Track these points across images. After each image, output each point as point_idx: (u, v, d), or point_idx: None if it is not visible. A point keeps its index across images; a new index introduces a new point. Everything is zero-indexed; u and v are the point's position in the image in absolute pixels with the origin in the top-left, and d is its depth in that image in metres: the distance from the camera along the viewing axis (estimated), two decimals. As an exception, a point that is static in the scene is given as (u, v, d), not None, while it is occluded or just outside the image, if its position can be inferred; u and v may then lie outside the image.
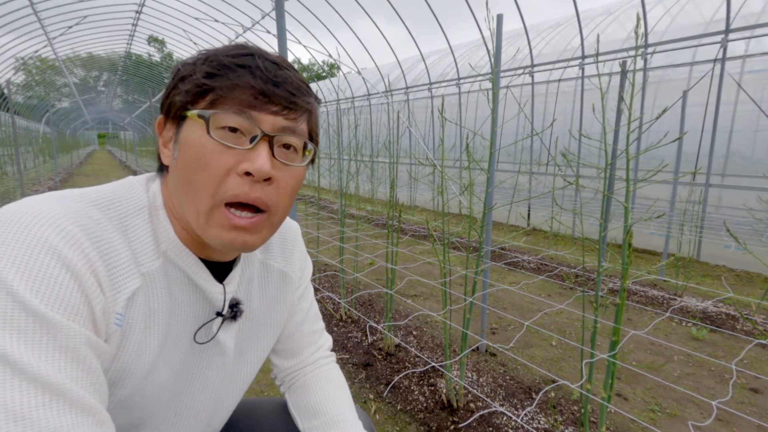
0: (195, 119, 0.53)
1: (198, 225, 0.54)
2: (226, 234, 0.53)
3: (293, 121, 0.56)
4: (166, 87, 0.58)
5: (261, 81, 0.52)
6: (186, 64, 0.56)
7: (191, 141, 0.53)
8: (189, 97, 0.54)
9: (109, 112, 28.70)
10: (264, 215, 0.55)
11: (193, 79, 0.54)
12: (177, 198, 0.56)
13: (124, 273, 0.51)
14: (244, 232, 0.54)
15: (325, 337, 0.86)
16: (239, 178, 0.52)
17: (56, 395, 0.41)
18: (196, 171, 0.52)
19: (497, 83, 2.10)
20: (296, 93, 0.55)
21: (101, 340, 0.48)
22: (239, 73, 0.53)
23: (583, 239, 1.59)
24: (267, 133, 0.53)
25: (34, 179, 11.76)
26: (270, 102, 0.53)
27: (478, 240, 2.09)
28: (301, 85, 0.57)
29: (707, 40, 4.51)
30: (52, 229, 0.45)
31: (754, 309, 3.36)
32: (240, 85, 0.52)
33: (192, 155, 0.53)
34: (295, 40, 4.44)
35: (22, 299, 0.41)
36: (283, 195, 0.56)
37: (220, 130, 0.52)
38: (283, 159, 0.56)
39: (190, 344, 0.62)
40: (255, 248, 0.57)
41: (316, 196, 4.34)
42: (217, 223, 0.53)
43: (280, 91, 0.53)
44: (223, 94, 0.52)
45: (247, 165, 0.52)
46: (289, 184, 0.57)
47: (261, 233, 0.56)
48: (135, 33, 11.12)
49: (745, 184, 4.37)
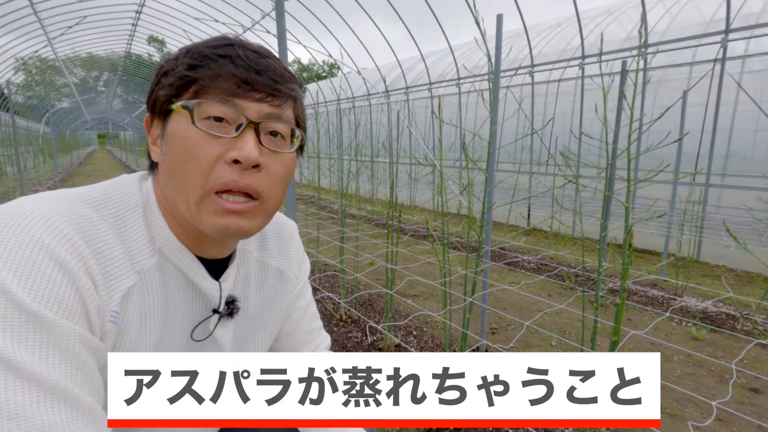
0: (180, 111, 0.53)
1: (191, 215, 0.54)
2: (220, 219, 0.53)
3: (278, 108, 0.56)
4: (151, 84, 0.59)
5: (243, 69, 0.53)
6: (168, 60, 0.57)
7: (178, 133, 0.53)
8: (173, 90, 0.54)
9: (109, 112, 28.71)
10: (257, 203, 0.55)
11: (175, 72, 0.54)
12: (168, 192, 0.56)
13: (118, 271, 0.51)
14: (237, 216, 0.54)
15: (323, 335, 0.86)
16: (228, 167, 0.52)
17: (50, 393, 0.41)
18: (184, 162, 0.52)
19: (497, 83, 2.10)
20: (279, 80, 0.55)
21: (96, 338, 0.48)
22: (221, 63, 0.53)
23: (583, 239, 1.59)
24: (252, 120, 0.53)
25: (34, 179, 11.76)
26: (253, 89, 0.53)
27: (478, 240, 2.08)
28: (284, 72, 0.57)
29: (707, 40, 4.51)
30: (45, 228, 0.45)
31: (754, 309, 3.36)
32: (222, 75, 0.52)
33: (179, 147, 0.53)
34: (295, 40, 4.44)
35: (16, 298, 0.41)
36: (274, 182, 0.56)
37: (205, 121, 0.52)
38: (271, 146, 0.56)
39: (187, 342, 0.62)
40: (251, 234, 0.57)
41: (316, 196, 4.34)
42: (210, 210, 0.53)
43: (262, 79, 0.54)
44: (206, 84, 0.52)
45: (234, 153, 0.52)
46: (279, 171, 0.57)
47: (256, 219, 0.56)
48: (135, 33, 11.11)
49: (745, 184, 4.36)
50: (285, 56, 1.80)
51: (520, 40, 6.46)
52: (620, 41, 5.45)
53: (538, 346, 2.67)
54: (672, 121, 4.42)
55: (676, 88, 4.98)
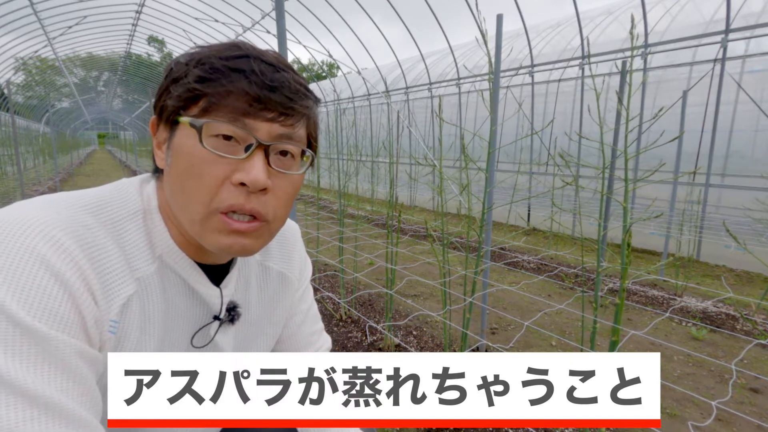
0: (187, 126, 0.51)
1: (194, 232, 0.53)
2: (225, 239, 0.52)
3: (290, 128, 0.53)
4: (159, 86, 0.56)
5: (256, 86, 0.50)
6: (179, 63, 0.54)
7: (184, 149, 0.52)
8: (181, 102, 0.52)
9: (109, 112, 28.70)
10: (262, 223, 0.54)
11: (185, 83, 0.51)
12: (172, 205, 0.55)
13: (117, 279, 0.50)
14: (242, 236, 0.53)
15: (324, 337, 0.86)
16: (234, 188, 0.51)
17: (44, 408, 0.40)
18: (189, 180, 0.51)
19: (497, 83, 2.10)
20: (293, 97, 0.52)
21: (94, 350, 0.47)
22: (233, 78, 0.50)
23: (582, 239, 1.59)
24: (262, 141, 0.51)
25: (34, 179, 11.76)
26: (266, 108, 0.51)
27: (478, 240, 2.08)
28: (300, 88, 0.54)
29: (707, 40, 4.51)
30: (41, 238, 0.44)
31: (754, 309, 3.36)
32: (234, 92, 0.50)
33: (185, 164, 0.51)
34: (295, 40, 4.44)
35: (9, 311, 0.40)
36: (280, 204, 0.55)
37: (213, 138, 0.50)
38: (280, 167, 0.54)
39: (187, 348, 0.61)
40: (254, 253, 0.56)
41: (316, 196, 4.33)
42: (214, 228, 0.52)
43: (276, 97, 0.51)
44: (216, 101, 0.50)
45: (242, 176, 0.50)
46: (286, 192, 0.55)
47: (260, 239, 0.55)
48: (135, 33, 11.11)
49: (745, 184, 4.37)
50: (285, 56, 1.80)
51: (520, 40, 6.46)
52: (620, 41, 5.45)
53: (538, 346, 2.67)
54: (672, 121, 4.42)
55: (676, 88, 4.98)
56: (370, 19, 7.40)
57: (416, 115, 8.73)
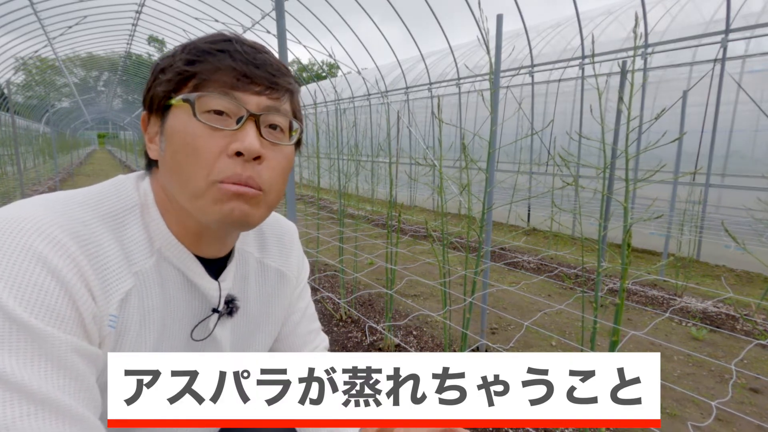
0: (180, 105, 0.53)
1: (194, 207, 0.54)
2: (226, 205, 0.53)
3: (277, 101, 0.56)
4: (147, 82, 0.58)
5: (242, 63, 0.53)
6: (165, 57, 0.57)
7: (179, 128, 0.53)
8: (171, 86, 0.54)
9: (109, 112, 28.71)
10: (259, 192, 0.55)
11: (173, 68, 0.54)
12: (170, 186, 0.56)
13: (115, 274, 0.51)
14: (242, 201, 0.54)
15: (321, 337, 0.87)
16: (230, 160, 0.52)
17: (41, 405, 0.40)
18: (186, 156, 0.52)
19: (497, 83, 2.10)
20: (276, 74, 0.56)
21: (93, 346, 0.48)
22: (219, 57, 0.53)
23: (582, 239, 1.59)
24: (253, 112, 0.54)
25: (34, 179, 11.76)
26: (252, 82, 0.54)
27: (478, 240, 2.08)
28: (281, 66, 0.58)
29: (707, 40, 4.51)
30: (38, 236, 0.45)
31: (754, 309, 3.36)
32: (222, 68, 0.53)
33: (180, 141, 0.53)
34: (295, 40, 4.44)
35: (6, 308, 0.41)
36: (275, 174, 0.57)
37: (206, 114, 0.53)
38: (271, 139, 0.56)
39: (187, 342, 0.62)
40: (252, 224, 0.57)
41: (316, 196, 4.34)
42: (215, 198, 0.53)
43: (261, 72, 0.54)
44: (205, 78, 0.53)
45: (236, 144, 0.52)
46: (279, 163, 0.57)
47: (259, 208, 0.56)
48: (135, 33, 11.11)
49: (745, 184, 4.37)
50: (285, 56, 1.80)
51: (521, 40, 6.46)
52: (620, 41, 5.45)
53: (538, 346, 2.67)
54: (672, 121, 4.42)
55: (676, 88, 4.98)
56: (370, 19, 7.40)
57: (416, 115, 8.73)
